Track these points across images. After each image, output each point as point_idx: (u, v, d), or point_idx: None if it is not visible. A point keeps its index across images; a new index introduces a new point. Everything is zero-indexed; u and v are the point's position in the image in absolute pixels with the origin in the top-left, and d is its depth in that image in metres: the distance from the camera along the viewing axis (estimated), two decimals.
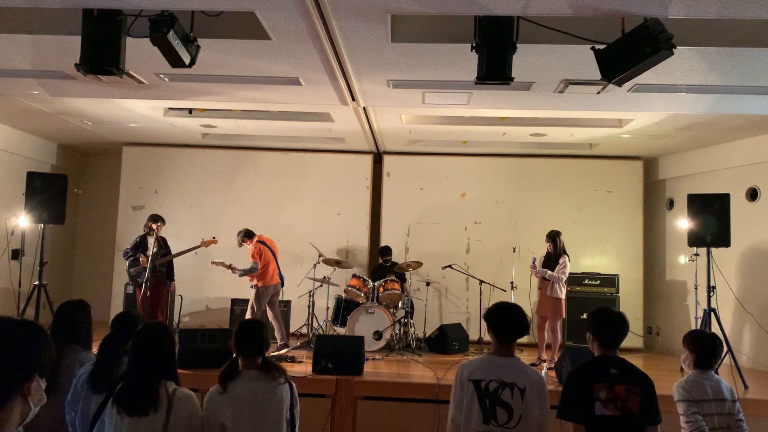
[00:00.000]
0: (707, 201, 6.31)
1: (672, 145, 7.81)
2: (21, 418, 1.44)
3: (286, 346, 6.88)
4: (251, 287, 6.98)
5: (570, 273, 8.06)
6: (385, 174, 8.85)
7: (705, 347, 3.40)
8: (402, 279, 7.70)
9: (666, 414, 3.00)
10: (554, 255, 6.65)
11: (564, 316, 6.66)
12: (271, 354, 6.22)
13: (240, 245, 7.11)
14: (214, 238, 7.32)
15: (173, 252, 7.20)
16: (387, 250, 8.03)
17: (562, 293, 6.57)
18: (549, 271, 6.56)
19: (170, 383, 2.77)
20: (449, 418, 2.97)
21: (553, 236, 6.70)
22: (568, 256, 6.66)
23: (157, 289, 6.91)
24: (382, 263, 8.06)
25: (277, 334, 6.90)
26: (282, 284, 7.16)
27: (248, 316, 6.79)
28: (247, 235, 7.06)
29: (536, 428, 2.83)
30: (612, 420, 2.81)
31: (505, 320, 3.00)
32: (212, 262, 7.09)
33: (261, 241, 7.00)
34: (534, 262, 6.72)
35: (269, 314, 6.96)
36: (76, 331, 3.33)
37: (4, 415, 1.40)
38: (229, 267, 6.95)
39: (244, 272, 6.88)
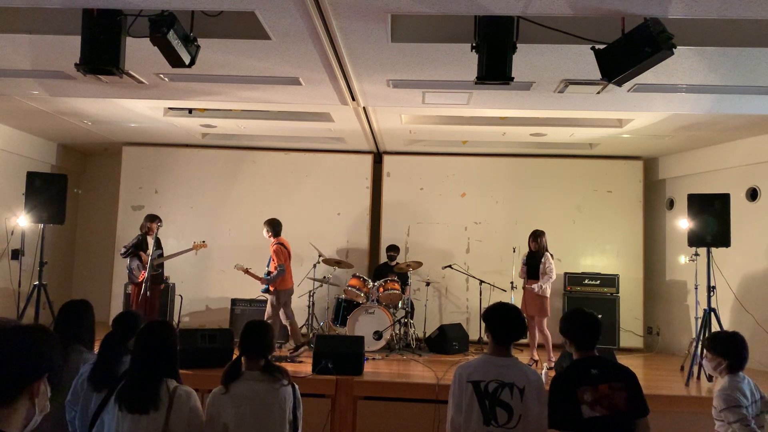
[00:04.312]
0: (707, 201, 6.31)
1: (672, 145, 7.81)
2: (24, 422, 1.44)
3: (301, 346, 6.81)
4: (263, 291, 6.88)
5: (570, 273, 8.15)
6: (385, 174, 8.84)
7: (735, 350, 3.27)
8: (404, 281, 7.69)
9: (666, 414, 3.00)
10: (537, 254, 6.72)
11: (548, 314, 6.67)
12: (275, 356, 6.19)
13: (266, 235, 6.93)
14: (204, 242, 7.33)
15: (165, 254, 7.22)
16: (394, 247, 8.12)
17: (549, 292, 6.65)
18: (537, 285, 6.60)
19: (171, 381, 2.77)
20: (448, 420, 2.94)
21: (537, 235, 6.76)
22: (551, 254, 6.72)
23: (153, 290, 6.92)
24: (386, 261, 8.08)
25: (292, 337, 6.90)
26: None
27: (268, 319, 6.72)
28: (274, 229, 6.87)
29: (535, 427, 2.83)
30: (602, 421, 2.81)
31: (504, 321, 2.99)
32: (236, 267, 6.83)
33: (281, 243, 6.86)
34: (524, 264, 6.84)
35: (282, 317, 6.91)
36: (79, 331, 3.32)
37: (10, 413, 1.40)
38: (247, 272, 6.71)
39: (272, 279, 6.66)
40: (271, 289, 6.74)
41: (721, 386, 3.24)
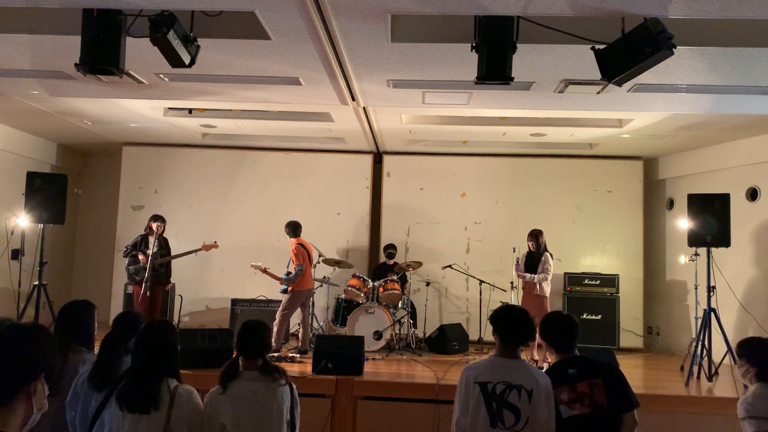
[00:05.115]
0: (707, 201, 6.31)
1: (672, 145, 7.81)
2: (22, 422, 1.44)
3: (304, 351, 6.69)
4: (282, 291, 6.84)
5: (570, 273, 8.15)
6: (385, 174, 8.85)
7: (766, 356, 3.12)
8: (403, 280, 7.69)
9: (666, 414, 3.00)
10: (536, 253, 6.69)
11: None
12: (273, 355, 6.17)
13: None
14: (215, 242, 7.29)
15: (173, 253, 7.19)
16: (392, 246, 8.15)
17: (548, 291, 6.61)
18: (529, 275, 6.59)
19: (172, 380, 2.77)
20: (453, 421, 2.91)
21: (536, 235, 6.74)
22: (550, 254, 6.69)
23: (155, 290, 6.89)
24: (385, 261, 8.09)
25: (300, 338, 6.87)
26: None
27: (278, 319, 6.69)
28: (293, 231, 6.95)
29: (543, 430, 2.80)
30: (584, 419, 2.80)
31: (511, 325, 2.97)
32: (252, 266, 6.90)
33: (300, 244, 6.88)
34: (518, 263, 6.76)
35: (297, 319, 6.90)
36: (79, 331, 3.32)
37: (8, 413, 1.40)
38: (265, 272, 6.76)
39: (291, 279, 6.69)
40: (289, 289, 6.75)
41: (745, 395, 3.10)
